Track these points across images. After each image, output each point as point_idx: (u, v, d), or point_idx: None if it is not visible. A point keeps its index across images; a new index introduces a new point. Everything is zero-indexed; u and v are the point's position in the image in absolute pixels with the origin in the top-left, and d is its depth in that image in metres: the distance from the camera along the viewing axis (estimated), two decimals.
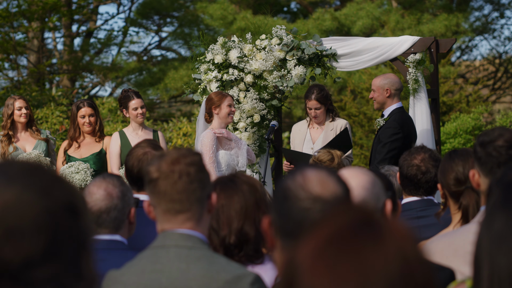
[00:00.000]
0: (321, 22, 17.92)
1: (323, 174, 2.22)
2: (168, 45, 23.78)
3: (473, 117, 12.74)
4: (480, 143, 3.10)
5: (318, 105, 7.96)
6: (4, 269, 1.26)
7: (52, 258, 1.27)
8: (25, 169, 1.36)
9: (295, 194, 2.16)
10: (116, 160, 7.52)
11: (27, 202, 1.30)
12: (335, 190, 2.19)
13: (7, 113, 7.81)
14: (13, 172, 1.35)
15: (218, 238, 3.00)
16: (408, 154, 4.27)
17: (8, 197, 1.30)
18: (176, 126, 14.24)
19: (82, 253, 1.34)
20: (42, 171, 1.37)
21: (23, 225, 1.27)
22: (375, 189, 2.64)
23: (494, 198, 1.62)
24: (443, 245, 3.09)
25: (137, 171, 4.12)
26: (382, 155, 7.30)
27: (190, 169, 2.65)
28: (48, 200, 1.31)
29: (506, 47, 24.20)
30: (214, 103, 7.28)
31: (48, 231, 1.29)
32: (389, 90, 7.56)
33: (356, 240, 1.26)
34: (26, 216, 1.28)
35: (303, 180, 2.19)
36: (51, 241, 1.28)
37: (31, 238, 1.27)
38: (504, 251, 1.50)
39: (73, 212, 1.34)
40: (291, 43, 8.35)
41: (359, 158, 14.99)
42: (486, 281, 1.52)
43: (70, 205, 1.34)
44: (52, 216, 1.30)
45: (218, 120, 7.30)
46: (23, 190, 1.31)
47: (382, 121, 7.57)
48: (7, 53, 18.26)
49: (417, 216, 4.18)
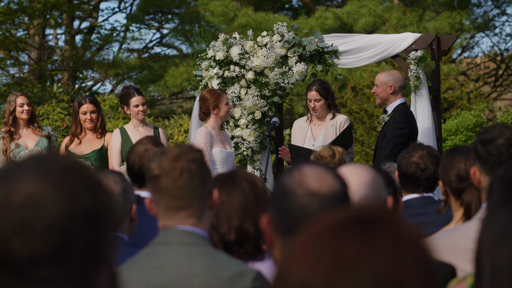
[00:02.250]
0: (323, 20, 17.91)
1: (320, 170, 2.22)
2: (169, 42, 23.79)
3: (474, 114, 12.73)
4: (480, 141, 3.09)
5: (318, 97, 7.91)
6: (10, 260, 1.26)
7: (58, 261, 1.27)
8: (64, 167, 1.34)
9: (293, 190, 2.17)
10: (117, 156, 7.53)
11: (50, 201, 1.28)
12: (333, 186, 2.19)
13: (9, 109, 7.81)
14: (51, 167, 1.34)
15: (218, 235, 3.00)
16: (406, 152, 4.29)
17: (34, 190, 1.29)
18: (177, 123, 14.24)
19: (98, 265, 1.32)
20: (80, 173, 1.35)
21: (38, 222, 1.27)
22: (376, 185, 2.64)
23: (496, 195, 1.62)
24: (444, 242, 3.09)
25: (138, 168, 4.12)
26: (388, 150, 7.29)
27: (191, 166, 2.65)
28: (71, 204, 1.29)
29: (507, 44, 24.22)
30: (211, 104, 7.27)
31: (61, 234, 1.28)
32: (393, 87, 7.57)
33: (344, 232, 1.25)
34: (44, 215, 1.27)
35: (300, 176, 2.19)
36: (62, 245, 1.27)
37: (42, 237, 1.26)
38: (506, 248, 1.50)
39: (95, 221, 1.32)
40: (292, 40, 8.34)
41: (360, 155, 14.99)
42: (488, 278, 1.52)
43: (93, 214, 1.32)
44: (69, 220, 1.28)
45: (216, 118, 7.31)
46: (51, 188, 1.30)
47: (386, 117, 7.57)
48: (8, 49, 18.25)
49: (417, 214, 4.19)
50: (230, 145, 7.54)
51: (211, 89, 7.62)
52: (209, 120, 7.35)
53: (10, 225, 1.27)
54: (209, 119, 7.35)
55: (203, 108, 7.35)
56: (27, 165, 1.34)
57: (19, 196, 1.29)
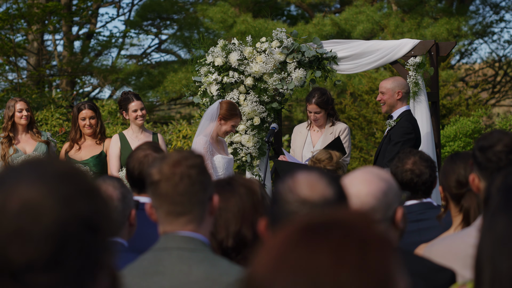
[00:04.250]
0: (321, 27, 17.92)
1: (313, 177, 2.21)
2: (168, 47, 23.79)
3: (472, 120, 12.74)
4: (479, 148, 3.08)
5: (317, 109, 7.94)
6: (6, 267, 1.26)
7: (55, 268, 1.26)
8: (61, 172, 1.34)
9: (284, 197, 2.17)
10: (116, 162, 7.52)
11: (46, 207, 1.28)
12: (324, 193, 2.18)
13: (8, 115, 7.81)
14: (47, 172, 1.33)
15: (216, 241, 2.99)
16: (398, 161, 4.29)
17: (31, 197, 1.29)
18: (176, 129, 14.23)
19: (95, 271, 1.31)
20: (77, 179, 1.34)
21: (35, 229, 1.26)
22: (387, 198, 2.61)
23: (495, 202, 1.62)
24: (443, 249, 3.09)
25: (137, 173, 4.12)
26: (394, 153, 7.26)
27: (191, 171, 2.65)
28: (67, 211, 1.29)
29: (505, 51, 24.22)
30: (222, 114, 7.24)
31: (57, 240, 1.27)
32: (400, 93, 7.56)
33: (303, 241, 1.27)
34: (40, 221, 1.27)
35: (292, 183, 2.19)
36: (58, 251, 1.27)
37: (38, 243, 1.26)
38: (506, 254, 1.50)
39: (91, 228, 1.31)
40: (291, 46, 8.35)
41: (358, 161, 14.98)
42: (488, 284, 1.52)
43: (89, 220, 1.31)
44: (66, 227, 1.28)
45: (216, 128, 7.30)
46: (48, 194, 1.29)
47: (392, 122, 7.56)
48: (7, 55, 18.25)
49: (416, 219, 4.19)
50: (227, 152, 7.53)
51: (234, 104, 7.47)
52: (210, 125, 7.34)
53: (7, 231, 1.27)
54: (211, 124, 7.34)
55: (220, 113, 7.28)
56: (23, 171, 1.33)
57: (15, 202, 1.28)
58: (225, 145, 7.63)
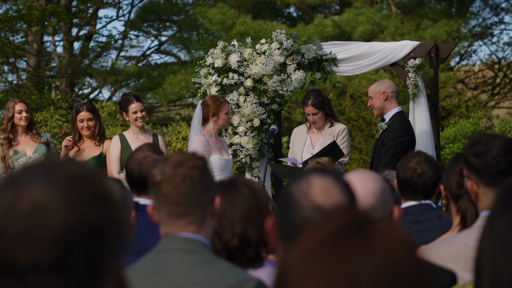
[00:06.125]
0: (322, 28, 17.93)
1: (328, 183, 2.20)
2: (167, 49, 23.79)
3: (472, 122, 12.75)
4: (475, 154, 3.05)
5: (315, 111, 7.94)
6: (11, 266, 1.26)
7: (59, 271, 1.26)
8: (75, 176, 1.33)
9: (298, 201, 2.15)
10: (116, 163, 7.52)
11: (55, 210, 1.27)
12: (338, 200, 2.17)
13: (7, 116, 7.81)
14: (60, 175, 1.32)
15: (221, 241, 2.99)
16: (404, 159, 4.32)
17: (41, 198, 1.28)
18: (176, 130, 14.24)
19: (100, 277, 1.31)
20: (89, 184, 1.33)
21: (42, 231, 1.26)
22: (384, 196, 2.63)
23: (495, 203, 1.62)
24: (442, 250, 3.09)
25: (137, 175, 4.12)
26: (387, 158, 7.28)
27: (193, 173, 2.65)
28: (76, 216, 1.28)
29: (505, 53, 24.22)
30: (211, 110, 7.28)
31: (64, 245, 1.27)
32: (386, 93, 7.58)
33: (344, 243, 1.27)
34: (48, 224, 1.26)
35: (307, 187, 2.18)
36: (64, 255, 1.27)
37: (45, 246, 1.26)
38: (506, 256, 1.50)
39: (100, 234, 1.30)
40: (291, 48, 8.36)
41: (358, 163, 14.99)
42: (488, 286, 1.52)
43: (98, 227, 1.30)
44: (73, 231, 1.27)
45: (213, 126, 7.31)
46: (59, 197, 1.29)
47: (384, 125, 7.57)
48: (6, 56, 18.25)
49: (415, 221, 4.19)
50: (228, 152, 7.53)
51: (214, 96, 7.60)
52: (207, 126, 7.35)
53: (14, 231, 1.27)
54: (207, 125, 7.35)
55: (203, 113, 7.35)
56: (37, 172, 1.33)
57: (25, 203, 1.28)
58: (226, 145, 7.62)
